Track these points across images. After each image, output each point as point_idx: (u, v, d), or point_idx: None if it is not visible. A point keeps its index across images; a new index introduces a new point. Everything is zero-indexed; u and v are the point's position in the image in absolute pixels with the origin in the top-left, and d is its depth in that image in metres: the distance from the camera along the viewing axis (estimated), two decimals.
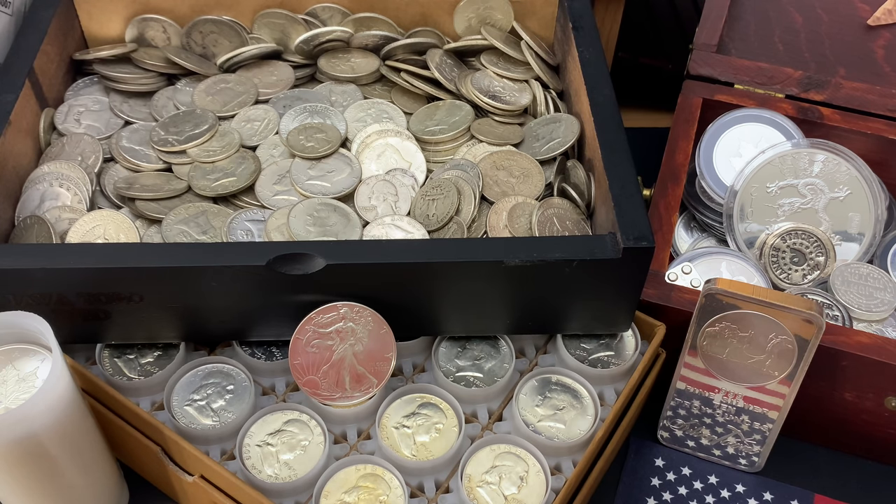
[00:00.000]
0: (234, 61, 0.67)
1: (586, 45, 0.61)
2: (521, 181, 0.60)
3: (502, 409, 0.54)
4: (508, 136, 0.63)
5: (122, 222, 0.56)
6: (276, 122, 0.63)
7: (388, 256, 0.48)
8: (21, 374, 0.46)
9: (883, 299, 0.62)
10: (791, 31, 0.75)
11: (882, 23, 0.73)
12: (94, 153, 0.61)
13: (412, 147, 0.62)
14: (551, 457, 0.52)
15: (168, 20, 0.68)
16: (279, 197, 0.59)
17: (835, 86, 0.71)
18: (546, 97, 0.65)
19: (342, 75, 0.67)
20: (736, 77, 0.73)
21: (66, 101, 0.65)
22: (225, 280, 0.48)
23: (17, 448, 0.44)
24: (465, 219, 0.57)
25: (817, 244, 0.63)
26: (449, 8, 0.69)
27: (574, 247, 0.49)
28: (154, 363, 0.54)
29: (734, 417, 0.57)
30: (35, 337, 0.47)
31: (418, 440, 0.52)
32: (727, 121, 0.70)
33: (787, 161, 0.66)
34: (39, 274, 0.48)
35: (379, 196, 0.59)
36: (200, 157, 0.60)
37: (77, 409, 0.47)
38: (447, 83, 0.65)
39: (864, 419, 0.58)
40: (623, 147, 0.54)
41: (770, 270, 0.63)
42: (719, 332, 0.53)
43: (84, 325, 0.52)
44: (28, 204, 0.57)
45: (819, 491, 0.59)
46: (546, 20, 0.69)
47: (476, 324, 0.54)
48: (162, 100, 0.65)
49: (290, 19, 0.69)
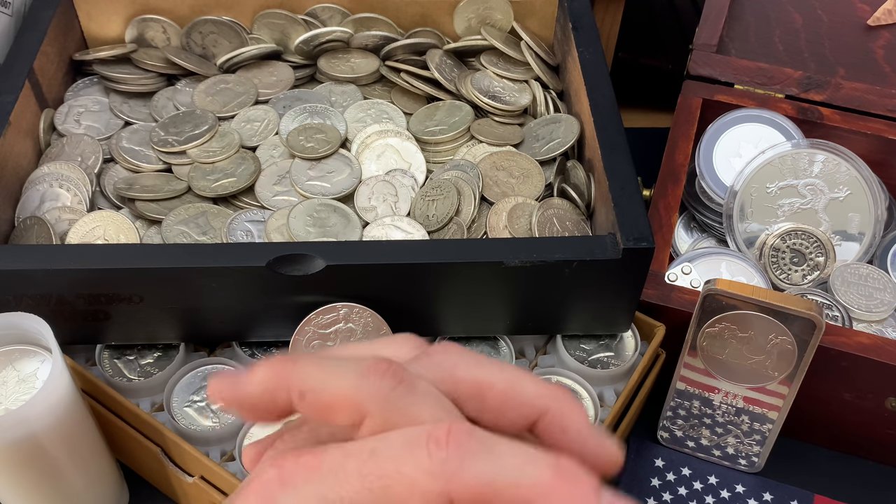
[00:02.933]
0: (234, 62, 0.67)
1: (586, 46, 0.61)
2: (521, 181, 0.60)
3: None
4: (508, 136, 0.62)
5: (121, 223, 0.56)
6: (275, 123, 0.63)
7: (387, 257, 0.48)
8: (21, 375, 0.46)
9: (883, 300, 0.62)
10: (791, 31, 0.75)
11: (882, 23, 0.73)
12: (94, 154, 0.61)
13: (412, 147, 0.62)
14: None
15: (168, 20, 0.68)
16: (279, 197, 0.59)
17: (835, 86, 0.71)
18: (546, 97, 0.65)
19: (342, 76, 0.67)
20: (736, 77, 0.73)
21: (66, 101, 0.65)
22: (225, 281, 0.48)
23: (17, 449, 0.44)
24: (465, 219, 0.57)
25: (817, 244, 0.63)
26: (449, 8, 0.69)
27: (574, 247, 0.49)
28: (154, 364, 0.54)
29: (734, 418, 0.57)
30: (35, 338, 0.47)
31: None
32: (727, 121, 0.70)
33: (787, 161, 0.66)
34: (39, 275, 0.48)
35: (379, 197, 0.59)
36: (200, 158, 0.60)
37: (77, 410, 0.47)
38: (447, 83, 0.65)
39: (864, 419, 0.58)
40: (623, 147, 0.54)
41: (770, 271, 0.63)
42: (719, 333, 0.53)
43: (84, 326, 0.51)
44: (28, 205, 0.57)
45: (819, 491, 0.59)
46: (546, 20, 0.69)
47: (476, 324, 0.54)
48: (162, 100, 0.65)
49: (289, 20, 0.69)
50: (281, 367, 0.24)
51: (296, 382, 0.24)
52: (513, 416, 0.24)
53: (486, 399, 0.24)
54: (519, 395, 0.24)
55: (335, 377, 0.23)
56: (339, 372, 0.23)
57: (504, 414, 0.24)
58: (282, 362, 0.24)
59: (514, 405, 0.24)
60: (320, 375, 0.24)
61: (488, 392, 0.24)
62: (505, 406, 0.24)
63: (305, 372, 0.24)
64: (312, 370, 0.24)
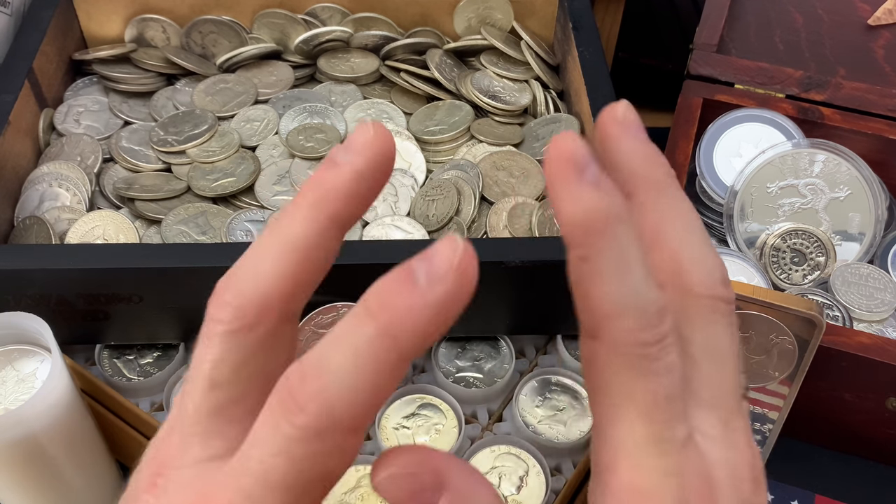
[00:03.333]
0: (234, 61, 0.67)
1: (586, 45, 0.61)
2: (521, 181, 0.60)
3: (502, 409, 0.54)
4: (508, 136, 0.62)
5: (121, 223, 0.56)
6: (275, 123, 0.63)
7: (387, 257, 0.48)
8: (20, 375, 0.46)
9: (883, 299, 0.61)
10: (791, 30, 0.75)
11: (882, 23, 0.73)
12: (94, 153, 0.61)
13: (412, 147, 0.62)
14: (551, 458, 0.51)
15: (167, 20, 0.68)
16: (279, 197, 0.59)
17: (835, 86, 0.71)
18: (546, 97, 0.65)
19: (342, 75, 0.67)
20: (736, 77, 0.72)
21: (66, 101, 0.65)
22: None
23: (16, 449, 0.44)
24: (465, 219, 0.57)
25: (817, 244, 0.63)
26: (449, 8, 0.69)
27: None
28: (153, 364, 0.54)
29: None
30: (34, 338, 0.47)
31: (418, 441, 0.52)
32: (727, 121, 0.69)
33: (787, 161, 0.66)
34: (39, 274, 0.48)
35: (378, 196, 0.59)
36: (200, 158, 0.60)
37: (76, 409, 0.47)
38: (447, 83, 0.65)
39: (865, 419, 0.58)
40: None
41: (770, 271, 0.63)
42: None
43: (83, 326, 0.51)
44: (27, 204, 0.57)
45: (819, 491, 0.59)
46: (546, 20, 0.69)
47: (476, 324, 0.54)
48: (161, 100, 0.65)
49: (289, 19, 0.69)
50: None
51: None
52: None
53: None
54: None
55: None
56: None
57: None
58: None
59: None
60: None
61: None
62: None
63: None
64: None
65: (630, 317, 0.21)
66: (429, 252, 0.20)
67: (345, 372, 0.20)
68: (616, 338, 0.21)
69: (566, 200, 0.21)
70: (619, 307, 0.21)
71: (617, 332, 0.21)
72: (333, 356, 0.21)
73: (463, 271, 0.20)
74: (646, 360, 0.21)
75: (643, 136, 0.24)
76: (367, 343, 0.20)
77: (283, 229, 0.23)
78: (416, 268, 0.20)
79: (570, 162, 0.21)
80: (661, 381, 0.21)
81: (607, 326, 0.21)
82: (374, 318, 0.20)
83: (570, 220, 0.21)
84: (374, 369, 0.20)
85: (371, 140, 0.23)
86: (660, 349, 0.21)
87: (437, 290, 0.20)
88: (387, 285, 0.21)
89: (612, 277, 0.21)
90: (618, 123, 0.24)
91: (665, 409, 0.21)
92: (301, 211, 0.23)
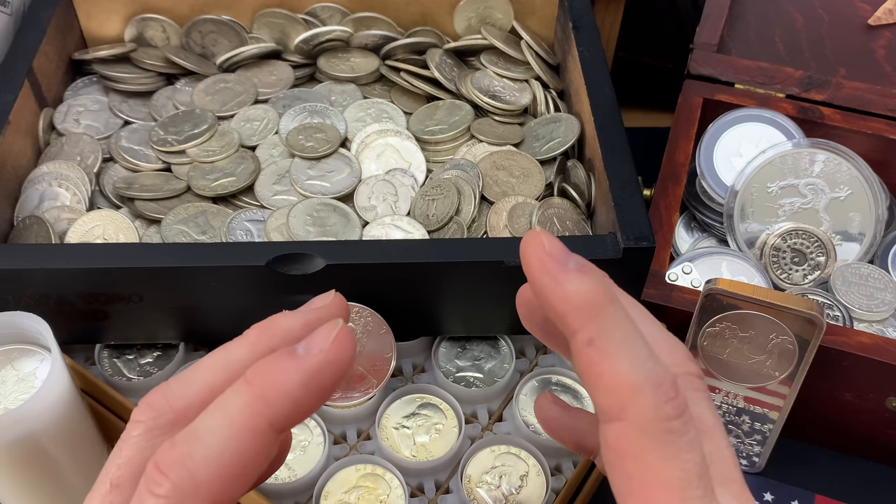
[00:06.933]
0: (234, 61, 0.67)
1: (586, 45, 0.61)
2: (521, 181, 0.60)
3: (502, 409, 0.54)
4: (508, 135, 0.62)
5: (121, 222, 0.56)
6: (275, 122, 0.63)
7: (387, 256, 0.48)
8: (20, 375, 0.46)
9: (884, 299, 0.61)
10: (791, 30, 0.75)
11: (883, 22, 0.73)
12: (94, 153, 0.61)
13: (412, 147, 0.62)
14: (551, 457, 0.51)
15: (167, 20, 0.68)
16: (279, 197, 0.59)
17: (835, 85, 0.71)
18: (546, 97, 0.65)
19: (342, 75, 0.67)
20: (736, 77, 0.72)
21: (66, 100, 0.65)
22: (224, 280, 0.48)
23: (16, 448, 0.44)
24: (465, 219, 0.57)
25: (818, 244, 0.63)
26: (449, 8, 0.69)
27: (574, 247, 0.49)
28: (153, 363, 0.54)
29: (735, 418, 0.57)
30: (34, 337, 0.47)
31: (418, 440, 0.52)
32: (728, 120, 0.69)
33: (787, 161, 0.66)
34: (38, 274, 0.48)
35: (379, 196, 0.59)
36: (200, 157, 0.60)
37: (76, 409, 0.47)
38: (447, 83, 0.65)
39: (865, 419, 0.58)
40: (623, 147, 0.54)
41: (770, 270, 0.63)
42: (720, 333, 0.52)
43: (83, 326, 0.51)
44: (27, 204, 0.57)
45: (820, 491, 0.59)
46: (546, 20, 0.69)
47: (476, 324, 0.54)
48: (161, 100, 0.65)
49: (289, 19, 0.69)
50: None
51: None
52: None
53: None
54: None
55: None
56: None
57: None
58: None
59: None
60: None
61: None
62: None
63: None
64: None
65: (649, 391, 0.21)
66: (311, 334, 0.22)
67: (213, 437, 0.21)
68: (642, 415, 0.21)
69: (558, 292, 0.21)
70: (636, 382, 0.21)
71: (641, 408, 0.21)
72: (205, 422, 0.21)
73: (339, 343, 0.22)
74: (672, 435, 0.21)
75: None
76: (239, 409, 0.21)
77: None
78: (298, 345, 0.22)
79: (550, 256, 0.21)
80: (690, 459, 0.21)
81: (630, 404, 0.21)
82: (249, 384, 0.21)
83: (568, 308, 0.21)
84: (241, 436, 0.21)
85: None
86: (683, 423, 0.21)
87: (313, 358, 0.21)
88: (267, 359, 0.22)
89: (622, 354, 0.21)
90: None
91: (698, 486, 0.21)
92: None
